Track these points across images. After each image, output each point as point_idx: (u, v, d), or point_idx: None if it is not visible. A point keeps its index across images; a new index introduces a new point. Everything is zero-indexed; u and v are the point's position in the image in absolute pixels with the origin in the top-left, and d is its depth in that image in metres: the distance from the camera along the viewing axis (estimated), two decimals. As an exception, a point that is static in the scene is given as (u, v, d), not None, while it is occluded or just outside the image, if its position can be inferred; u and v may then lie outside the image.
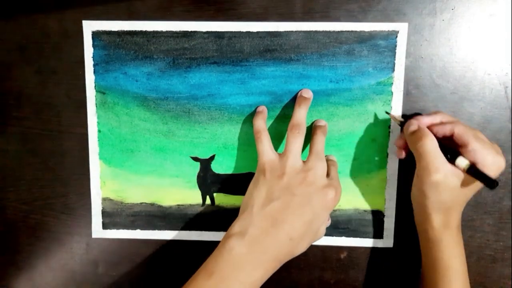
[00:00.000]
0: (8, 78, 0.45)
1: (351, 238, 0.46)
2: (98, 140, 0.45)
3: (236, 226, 0.38)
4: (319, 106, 0.44)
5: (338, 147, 0.44)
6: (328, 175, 0.40)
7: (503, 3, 0.42)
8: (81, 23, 0.43)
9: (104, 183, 0.46)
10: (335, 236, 0.46)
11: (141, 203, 0.46)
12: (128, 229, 0.46)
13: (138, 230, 0.46)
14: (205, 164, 0.45)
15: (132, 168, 0.45)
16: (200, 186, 0.46)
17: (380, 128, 0.44)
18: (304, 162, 0.39)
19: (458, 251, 0.40)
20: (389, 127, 0.44)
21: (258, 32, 0.43)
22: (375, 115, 0.43)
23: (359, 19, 0.42)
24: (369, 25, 0.42)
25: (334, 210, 0.45)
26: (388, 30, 0.42)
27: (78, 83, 0.44)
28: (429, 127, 0.39)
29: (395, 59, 0.42)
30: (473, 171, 0.36)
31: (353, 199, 0.45)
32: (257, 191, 0.39)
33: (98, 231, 0.47)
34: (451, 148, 0.37)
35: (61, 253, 0.47)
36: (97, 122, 0.45)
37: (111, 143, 0.45)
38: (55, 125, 0.45)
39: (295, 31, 0.42)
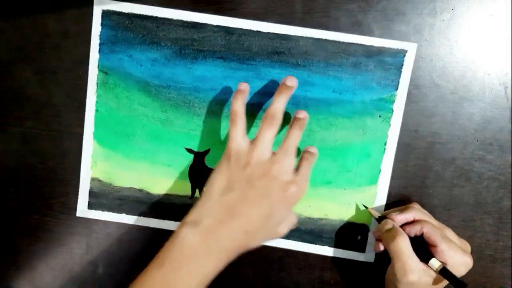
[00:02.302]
0: (8, 78, 0.45)
1: (334, 249, 0.46)
2: (95, 120, 0.45)
3: (192, 215, 0.37)
4: (319, 114, 0.43)
5: (333, 157, 0.44)
6: (298, 169, 0.39)
7: (503, 3, 0.42)
8: (80, 23, 0.43)
9: (95, 163, 0.45)
10: (318, 244, 0.46)
11: (130, 188, 0.46)
12: (113, 212, 0.46)
13: (123, 214, 0.46)
14: (199, 157, 0.45)
15: (125, 152, 0.45)
16: (192, 179, 0.45)
17: (376, 144, 0.44)
18: (273, 154, 0.38)
19: None
20: (385, 144, 0.44)
21: (268, 33, 0.42)
22: (373, 131, 0.43)
23: (359, 19, 0.42)
24: (378, 41, 0.42)
25: (321, 219, 0.45)
26: (397, 49, 0.42)
27: (78, 83, 0.44)
28: (403, 226, 0.40)
29: (400, 78, 0.42)
30: (445, 273, 0.37)
31: (341, 210, 0.45)
32: (219, 178, 0.38)
33: (83, 210, 0.46)
34: (424, 249, 0.39)
35: (61, 253, 0.47)
36: (96, 101, 0.44)
37: (107, 124, 0.45)
38: (55, 125, 0.45)
39: (305, 37, 0.42)
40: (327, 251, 0.46)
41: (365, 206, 0.44)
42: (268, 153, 0.38)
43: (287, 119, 0.43)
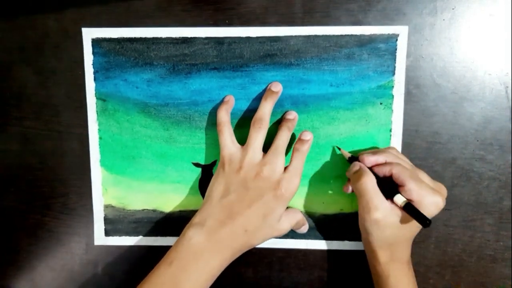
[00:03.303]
0: (8, 78, 0.45)
1: (353, 242, 0.45)
2: (99, 147, 0.45)
3: (196, 217, 0.40)
4: (320, 110, 0.43)
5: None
6: (289, 163, 0.40)
7: (503, 3, 0.42)
8: (80, 23, 0.43)
9: (105, 190, 0.46)
10: (338, 240, 0.45)
11: (143, 210, 0.46)
12: (130, 235, 0.46)
13: (140, 237, 0.46)
14: (207, 169, 0.45)
15: (133, 175, 0.45)
16: (202, 192, 0.45)
17: (382, 132, 0.44)
18: (263, 155, 0.40)
19: (407, 284, 0.40)
20: (390, 130, 0.43)
21: (257, 37, 0.42)
22: (376, 119, 0.43)
23: (360, 18, 0.42)
24: (369, 29, 0.42)
25: (337, 214, 0.45)
26: (388, 34, 0.42)
27: (77, 83, 0.44)
28: (372, 167, 0.40)
29: (395, 62, 0.42)
30: (409, 209, 0.37)
31: (354, 203, 0.45)
32: (217, 184, 0.40)
33: (100, 238, 0.47)
34: (390, 186, 0.38)
35: (60, 253, 0.47)
36: (98, 129, 0.45)
37: (112, 150, 0.45)
38: (55, 125, 0.45)
39: (295, 36, 0.42)
40: (346, 245, 0.46)
41: (338, 148, 0.44)
42: (259, 155, 0.40)
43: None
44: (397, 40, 0.42)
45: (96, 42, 0.43)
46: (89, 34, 0.43)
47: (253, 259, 0.46)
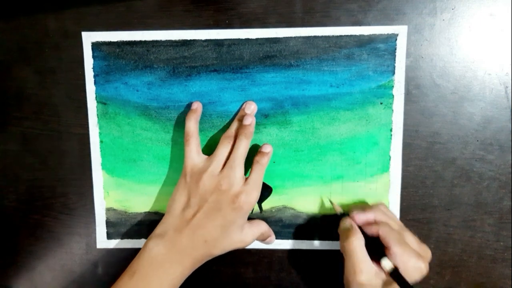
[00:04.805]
0: (8, 78, 0.45)
1: None
2: (101, 151, 0.45)
3: (158, 229, 0.41)
4: (320, 111, 0.43)
5: (340, 151, 0.44)
6: (249, 176, 0.41)
7: (503, 3, 0.42)
8: (80, 23, 0.43)
9: (107, 193, 0.46)
10: (338, 240, 0.46)
11: (145, 212, 0.46)
12: (132, 238, 0.47)
13: (142, 240, 0.46)
14: None
15: (135, 178, 0.45)
16: None
17: (382, 132, 0.44)
18: (222, 168, 0.40)
19: None
20: (391, 130, 0.43)
21: (257, 39, 0.43)
22: (377, 119, 0.43)
23: (359, 18, 0.42)
24: (368, 29, 0.42)
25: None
26: (388, 33, 0.42)
27: (77, 83, 0.44)
28: (362, 226, 0.40)
29: (395, 62, 0.42)
30: (395, 275, 0.36)
31: (357, 203, 0.45)
32: (179, 195, 0.41)
33: (103, 241, 0.47)
34: (378, 247, 0.38)
35: (60, 253, 0.47)
36: (99, 132, 0.45)
37: (113, 153, 0.45)
38: (55, 125, 0.45)
39: (294, 37, 0.42)
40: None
41: (330, 201, 0.44)
42: (220, 168, 0.41)
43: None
44: (396, 39, 0.42)
45: (96, 46, 0.43)
46: (89, 38, 0.43)
47: (253, 259, 0.46)
